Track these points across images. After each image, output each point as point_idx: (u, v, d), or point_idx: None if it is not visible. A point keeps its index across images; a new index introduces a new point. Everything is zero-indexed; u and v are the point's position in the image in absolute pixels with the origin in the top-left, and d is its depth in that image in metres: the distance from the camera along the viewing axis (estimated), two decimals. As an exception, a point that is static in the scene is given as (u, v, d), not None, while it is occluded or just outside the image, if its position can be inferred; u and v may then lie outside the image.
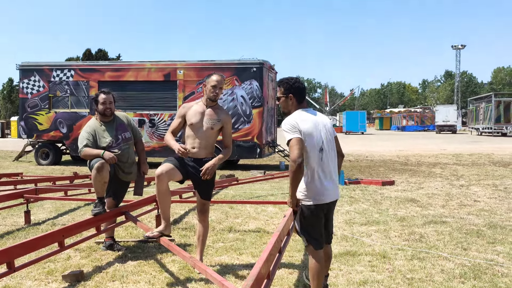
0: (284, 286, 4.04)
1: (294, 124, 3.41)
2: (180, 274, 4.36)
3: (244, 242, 5.49)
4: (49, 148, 16.04)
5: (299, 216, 3.51)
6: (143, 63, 15.12)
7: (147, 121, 14.83)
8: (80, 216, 6.97)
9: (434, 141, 31.97)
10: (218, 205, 7.68)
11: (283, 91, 3.63)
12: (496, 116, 39.32)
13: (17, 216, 6.96)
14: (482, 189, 9.68)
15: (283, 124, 3.47)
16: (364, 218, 6.79)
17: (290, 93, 3.60)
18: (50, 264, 4.65)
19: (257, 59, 14.38)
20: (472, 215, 7.00)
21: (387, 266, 4.57)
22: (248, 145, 14.19)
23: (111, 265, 4.66)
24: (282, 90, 3.63)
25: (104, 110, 5.03)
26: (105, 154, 4.80)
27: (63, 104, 15.58)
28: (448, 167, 14.59)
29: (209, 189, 4.54)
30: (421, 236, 5.74)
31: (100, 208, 4.80)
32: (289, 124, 3.43)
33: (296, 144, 3.33)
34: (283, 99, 3.63)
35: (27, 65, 15.96)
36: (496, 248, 5.19)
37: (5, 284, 4.05)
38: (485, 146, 25.66)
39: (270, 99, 15.29)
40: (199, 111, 4.44)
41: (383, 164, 15.67)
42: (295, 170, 3.30)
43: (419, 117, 61.85)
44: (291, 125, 3.42)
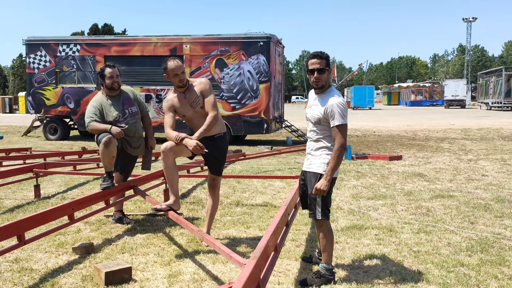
0: (291, 259, 4.08)
1: (346, 107, 3.52)
2: (188, 246, 4.42)
3: (251, 216, 5.53)
4: (57, 123, 16.13)
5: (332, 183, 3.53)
6: (149, 38, 15.00)
7: (154, 96, 14.81)
8: (89, 190, 7.04)
9: (443, 116, 31.72)
10: (226, 180, 7.72)
11: (326, 63, 3.54)
12: (506, 90, 38.81)
13: (26, 190, 7.04)
14: (490, 164, 9.63)
15: (339, 103, 3.45)
16: (371, 193, 6.80)
17: (330, 67, 3.58)
18: (61, 236, 4.73)
19: (264, 33, 14.19)
20: (479, 189, 6.98)
21: (394, 239, 4.59)
22: (255, 121, 14.16)
23: (120, 237, 4.73)
24: (325, 63, 3.54)
25: (112, 83, 5.00)
26: (112, 129, 4.80)
27: (70, 79, 15.58)
28: (456, 141, 14.50)
29: (220, 164, 4.54)
30: (428, 210, 5.75)
31: (108, 183, 4.84)
32: (344, 107, 3.49)
33: (347, 130, 3.49)
34: (326, 72, 3.55)
35: (33, 39, 15.89)
36: (504, 222, 5.19)
37: (16, 257, 4.13)
38: (494, 120, 25.43)
39: (277, 74, 15.16)
40: (182, 101, 4.30)
41: (390, 139, 15.60)
42: (343, 155, 3.46)
43: (428, 92, 61.21)
44: (345, 109, 3.50)
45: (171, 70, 4.20)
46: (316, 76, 3.53)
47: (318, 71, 3.52)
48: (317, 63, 3.52)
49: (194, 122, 4.40)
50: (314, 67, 3.53)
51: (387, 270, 3.78)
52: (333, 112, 3.44)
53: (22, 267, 3.89)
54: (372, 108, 50.24)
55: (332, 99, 3.49)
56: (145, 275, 3.73)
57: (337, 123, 3.43)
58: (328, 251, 3.59)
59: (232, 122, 14.17)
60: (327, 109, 3.48)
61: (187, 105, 4.32)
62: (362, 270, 3.80)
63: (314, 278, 3.53)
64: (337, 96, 3.52)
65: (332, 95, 3.53)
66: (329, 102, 3.48)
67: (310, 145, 3.69)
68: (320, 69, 3.52)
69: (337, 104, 3.45)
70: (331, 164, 3.44)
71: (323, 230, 3.60)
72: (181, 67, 4.23)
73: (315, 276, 3.56)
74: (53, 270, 3.85)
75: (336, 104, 3.45)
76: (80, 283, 3.57)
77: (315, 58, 3.55)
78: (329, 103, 3.48)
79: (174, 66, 4.20)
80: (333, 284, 3.52)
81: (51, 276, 3.72)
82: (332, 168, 3.44)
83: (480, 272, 3.72)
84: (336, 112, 3.44)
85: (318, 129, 3.59)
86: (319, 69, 3.51)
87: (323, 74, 3.54)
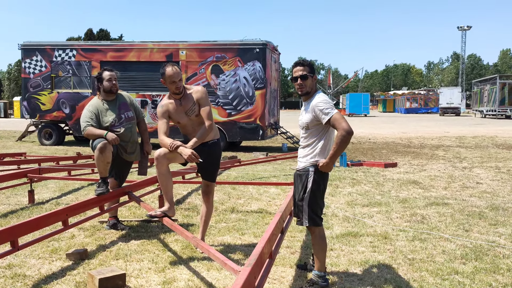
0: (286, 266, 4.07)
1: (330, 101, 3.55)
2: (183, 253, 4.40)
3: (246, 222, 5.52)
4: (52, 128, 16.08)
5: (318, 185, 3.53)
6: (145, 44, 15.01)
7: (150, 102, 14.80)
8: (83, 195, 7.01)
9: (438, 124, 31.86)
10: (221, 186, 7.70)
11: (309, 70, 3.59)
12: (500, 98, 39.04)
13: (20, 195, 7.00)
14: (484, 172, 9.67)
15: (321, 101, 3.49)
16: (366, 200, 6.80)
17: (314, 73, 3.63)
18: (54, 242, 4.70)
19: (260, 40, 14.25)
20: (474, 197, 7.01)
21: (389, 247, 4.59)
22: (250, 127, 14.17)
23: (114, 244, 4.70)
24: (308, 70, 3.59)
25: (111, 87, 4.99)
26: (108, 135, 4.79)
27: (66, 84, 15.54)
28: (451, 149, 14.56)
29: (213, 171, 4.54)
30: (422, 217, 5.76)
31: (103, 188, 4.82)
32: (327, 101, 3.53)
33: (342, 116, 3.45)
34: (310, 79, 3.59)
35: (29, 44, 15.87)
36: (498, 230, 5.20)
37: (9, 263, 4.09)
38: (489, 128, 25.56)
39: (273, 80, 15.20)
40: (177, 108, 4.29)
41: (385, 147, 15.65)
42: (349, 139, 3.41)
43: (423, 99, 61.52)
44: (329, 102, 3.54)
45: (169, 76, 4.20)
46: (299, 83, 3.60)
47: (301, 77, 3.58)
48: (300, 70, 3.60)
49: (188, 129, 4.40)
50: (297, 74, 3.60)
51: (382, 278, 3.78)
52: (319, 111, 3.48)
53: (15, 273, 3.85)
54: (367, 115, 50.39)
55: (313, 102, 3.55)
56: (139, 281, 3.70)
57: (327, 118, 3.45)
58: (321, 258, 3.58)
59: (228, 128, 14.17)
60: (313, 111, 3.52)
61: (182, 112, 4.31)
62: (356, 278, 3.80)
63: (308, 287, 3.53)
64: (318, 97, 3.57)
65: (314, 98, 3.58)
66: (312, 104, 3.54)
67: (300, 152, 3.73)
68: (303, 75, 3.58)
69: (319, 103, 3.50)
70: (334, 149, 3.44)
71: (315, 237, 3.59)
72: (179, 74, 4.23)
73: (308, 284, 3.55)
74: (46, 276, 3.82)
75: (317, 104, 3.50)
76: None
77: (297, 65, 3.63)
78: (312, 105, 3.53)
79: (172, 73, 4.19)
80: (328, 291, 3.51)
81: (45, 282, 3.69)
82: (336, 151, 3.42)
83: (474, 280, 3.73)
84: (321, 110, 3.46)
85: (306, 134, 3.63)
86: (302, 76, 3.57)
87: (306, 81, 3.59)
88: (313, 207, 3.54)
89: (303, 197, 3.54)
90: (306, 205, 3.52)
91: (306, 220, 3.54)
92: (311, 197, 3.52)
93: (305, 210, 3.53)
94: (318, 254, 3.58)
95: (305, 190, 3.53)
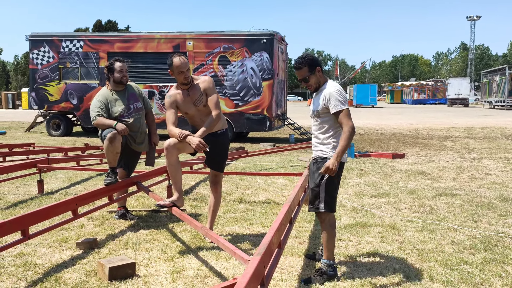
0: (294, 256, 4.08)
1: (344, 94, 3.53)
2: (192, 242, 4.42)
3: (254, 212, 5.53)
4: (60, 119, 16.15)
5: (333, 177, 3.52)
6: (153, 34, 14.98)
7: (157, 93, 14.81)
8: (92, 186, 7.05)
9: (446, 115, 31.63)
10: (229, 177, 7.72)
11: (309, 68, 3.56)
12: (509, 89, 38.63)
13: (30, 185, 7.06)
14: (493, 163, 9.60)
15: (335, 91, 3.49)
16: (374, 191, 6.79)
17: (317, 65, 3.58)
18: (64, 232, 4.74)
19: (267, 30, 14.16)
20: (483, 188, 6.97)
21: (397, 237, 4.58)
22: (257, 118, 14.15)
23: (123, 233, 4.74)
24: (307, 68, 3.56)
25: (121, 78, 5.01)
26: (117, 125, 4.80)
27: (73, 75, 15.58)
28: (460, 140, 14.46)
29: (221, 161, 4.54)
30: (431, 208, 5.74)
31: (112, 178, 4.84)
32: (342, 94, 3.52)
33: (350, 114, 3.49)
34: (313, 76, 3.58)
35: (37, 35, 15.89)
36: (508, 221, 5.17)
37: (20, 251, 4.14)
38: (498, 119, 25.35)
39: (280, 71, 15.13)
40: (185, 98, 4.28)
41: (393, 138, 15.58)
42: (352, 136, 3.46)
43: (431, 90, 61.05)
44: (343, 96, 3.52)
45: (176, 67, 4.19)
46: (305, 85, 3.65)
47: (303, 81, 3.62)
48: (299, 75, 3.63)
49: (196, 119, 4.40)
50: (299, 79, 3.66)
51: (390, 268, 3.78)
52: (330, 100, 3.48)
53: (26, 262, 3.89)
54: (374, 106, 50.15)
55: (326, 89, 3.55)
56: (149, 270, 3.73)
57: (336, 109, 3.45)
58: (330, 247, 3.59)
59: (235, 119, 14.16)
60: (325, 98, 3.52)
61: (190, 103, 4.31)
62: (365, 268, 3.80)
63: (316, 276, 3.53)
64: (332, 86, 3.56)
65: (327, 86, 3.58)
66: (325, 91, 3.54)
67: (314, 140, 3.73)
68: (304, 78, 3.60)
69: (333, 92, 3.50)
70: (341, 145, 3.43)
71: (326, 225, 3.59)
72: (186, 64, 4.21)
73: (317, 273, 3.56)
74: (56, 265, 3.85)
75: (332, 92, 3.50)
76: (84, 278, 3.58)
77: (296, 69, 3.64)
78: (325, 93, 3.53)
79: (180, 63, 4.17)
80: (336, 281, 3.52)
81: (55, 271, 3.73)
82: (342, 148, 3.42)
83: (484, 271, 3.71)
84: (333, 100, 3.47)
85: (318, 122, 3.63)
86: (303, 79, 3.60)
87: (310, 81, 3.60)
88: (329, 193, 3.55)
89: (320, 183, 3.54)
90: (323, 191, 3.53)
91: (322, 205, 3.54)
92: (327, 183, 3.53)
93: (321, 196, 3.54)
94: (327, 242, 3.59)
95: (322, 176, 3.53)
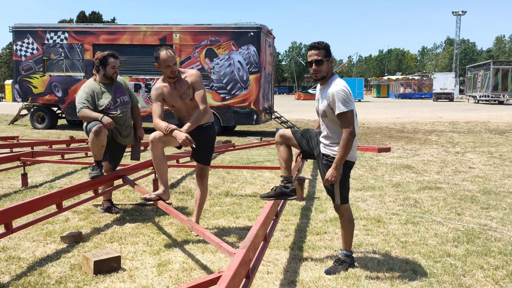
0: (280, 249, 4.10)
1: (349, 93, 3.41)
2: (178, 236, 4.42)
3: (240, 206, 5.54)
4: (45, 112, 15.95)
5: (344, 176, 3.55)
6: (138, 26, 14.83)
7: (143, 86, 14.69)
8: (77, 179, 6.99)
9: (431, 109, 31.96)
10: (215, 170, 7.71)
11: (325, 53, 3.45)
12: (493, 84, 39.19)
13: (14, 178, 6.97)
14: (477, 156, 9.74)
15: (342, 91, 3.36)
16: (360, 184, 6.84)
17: (331, 55, 3.50)
18: (49, 225, 4.69)
19: (254, 23, 14.13)
20: (466, 182, 7.07)
21: (382, 230, 4.63)
22: (244, 111, 14.13)
23: (109, 227, 4.71)
24: (324, 53, 3.44)
25: (113, 74, 4.98)
26: (103, 119, 4.76)
27: (58, 68, 15.37)
28: (444, 134, 14.63)
29: (208, 154, 4.53)
30: (415, 201, 5.81)
31: (97, 171, 4.80)
32: (346, 93, 3.38)
33: (353, 117, 3.39)
34: (326, 62, 3.46)
35: (20, 26, 15.63)
36: (490, 214, 5.26)
37: (4, 245, 4.09)
38: (482, 114, 25.69)
39: (267, 64, 15.12)
40: (172, 91, 4.25)
41: (379, 131, 15.70)
42: (351, 143, 3.40)
43: (416, 85, 61.60)
44: (348, 95, 3.39)
45: (163, 60, 4.15)
46: (314, 68, 3.47)
47: (316, 62, 3.45)
48: (314, 55, 3.45)
49: (182, 113, 4.38)
50: (311, 59, 3.47)
51: (375, 260, 3.82)
52: (334, 101, 3.38)
53: (10, 256, 3.85)
54: (361, 100, 50.41)
55: (332, 88, 3.42)
56: (134, 264, 3.72)
57: (338, 111, 3.36)
58: (349, 239, 3.69)
59: (222, 112, 14.13)
60: (329, 98, 3.42)
61: (176, 96, 4.29)
62: (350, 260, 3.83)
63: (337, 265, 3.62)
64: (337, 84, 3.43)
65: (332, 84, 3.45)
66: (329, 91, 3.42)
67: (323, 140, 3.64)
68: (318, 60, 3.44)
69: (337, 92, 3.37)
70: (340, 153, 3.39)
71: (344, 220, 3.67)
72: (173, 58, 4.18)
73: (338, 263, 3.64)
74: (41, 259, 3.82)
75: (336, 92, 3.37)
76: (69, 271, 3.56)
77: (312, 49, 3.47)
78: (329, 92, 3.42)
79: (167, 57, 4.13)
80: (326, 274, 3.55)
81: (39, 265, 3.69)
82: (340, 158, 3.39)
83: (466, 262, 3.78)
84: (336, 100, 3.36)
85: (325, 123, 3.55)
86: (316, 61, 3.44)
87: (322, 66, 3.46)
88: (344, 189, 3.61)
89: (334, 184, 3.57)
90: (338, 189, 3.58)
91: (338, 200, 3.61)
92: (341, 182, 3.57)
93: (336, 193, 3.60)
94: (346, 235, 3.68)
95: None
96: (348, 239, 3.69)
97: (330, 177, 3.43)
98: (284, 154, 3.85)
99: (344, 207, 3.65)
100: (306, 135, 3.83)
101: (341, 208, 3.65)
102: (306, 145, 3.81)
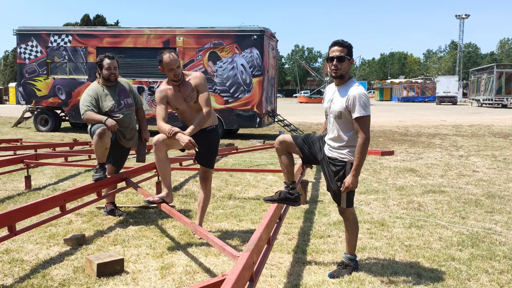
0: (284, 252, 4.09)
1: (369, 99, 3.40)
2: (181, 239, 4.41)
3: (244, 209, 5.53)
4: (48, 114, 15.98)
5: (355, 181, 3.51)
6: (142, 29, 14.86)
7: (146, 88, 14.72)
8: (80, 182, 7.00)
9: (434, 112, 31.89)
10: (218, 173, 7.70)
11: (348, 52, 3.43)
12: (497, 87, 39.11)
13: (17, 181, 6.98)
14: (481, 160, 9.71)
15: (364, 95, 3.35)
16: (363, 187, 6.82)
17: (352, 58, 3.48)
18: (52, 228, 4.69)
19: (257, 27, 14.13)
20: (470, 185, 7.04)
21: (386, 234, 4.61)
22: (247, 115, 14.13)
23: (112, 229, 4.71)
24: (347, 51, 3.42)
25: (109, 75, 4.97)
26: (107, 121, 4.77)
27: (62, 70, 15.41)
28: (448, 138, 14.59)
29: (211, 157, 4.53)
30: (419, 205, 5.79)
31: (100, 174, 4.80)
32: (367, 98, 3.38)
33: (369, 122, 3.38)
34: (347, 61, 3.44)
35: (24, 29, 15.68)
36: (494, 217, 5.23)
37: (7, 248, 4.09)
38: (485, 117, 25.62)
39: (270, 68, 15.12)
40: (176, 94, 4.25)
41: (382, 135, 15.67)
42: (367, 149, 3.39)
43: (420, 88, 61.47)
44: (368, 100, 3.39)
45: (166, 64, 4.15)
46: (335, 64, 3.42)
47: (338, 59, 3.40)
48: (337, 51, 3.42)
49: (186, 115, 4.38)
50: (333, 55, 3.42)
51: (378, 264, 3.80)
52: (354, 103, 3.34)
53: (13, 258, 3.85)
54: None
55: (352, 90, 3.38)
56: (137, 267, 3.71)
57: (358, 114, 3.32)
58: (353, 243, 3.67)
59: (225, 115, 14.13)
60: (348, 100, 3.37)
61: (180, 99, 4.29)
62: (354, 264, 3.81)
63: (341, 269, 3.60)
64: (358, 87, 3.41)
65: (352, 86, 3.42)
66: (350, 92, 3.38)
67: (331, 143, 3.57)
68: (340, 57, 3.40)
69: (359, 95, 3.34)
70: (357, 160, 3.36)
71: (349, 223, 3.66)
72: (177, 61, 4.18)
73: (342, 267, 3.62)
74: (44, 261, 3.82)
75: (358, 95, 3.34)
76: (72, 274, 3.55)
77: (336, 45, 3.44)
78: (350, 94, 3.37)
79: (170, 60, 4.14)
80: (327, 277, 3.54)
81: (42, 267, 3.69)
82: (358, 164, 3.37)
83: (471, 267, 3.75)
84: (357, 103, 3.33)
85: (338, 124, 3.48)
86: (338, 57, 3.40)
87: (343, 63, 3.42)
88: (350, 193, 3.59)
89: (340, 191, 3.55)
90: (345, 193, 3.56)
91: (344, 203, 3.60)
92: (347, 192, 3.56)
93: (343, 197, 3.58)
94: (351, 239, 3.67)
95: (342, 181, 3.50)
96: (352, 243, 3.68)
97: (350, 184, 3.40)
98: (285, 161, 3.84)
99: (349, 211, 3.63)
100: (308, 141, 3.79)
101: (346, 211, 3.63)
102: (308, 150, 3.78)
